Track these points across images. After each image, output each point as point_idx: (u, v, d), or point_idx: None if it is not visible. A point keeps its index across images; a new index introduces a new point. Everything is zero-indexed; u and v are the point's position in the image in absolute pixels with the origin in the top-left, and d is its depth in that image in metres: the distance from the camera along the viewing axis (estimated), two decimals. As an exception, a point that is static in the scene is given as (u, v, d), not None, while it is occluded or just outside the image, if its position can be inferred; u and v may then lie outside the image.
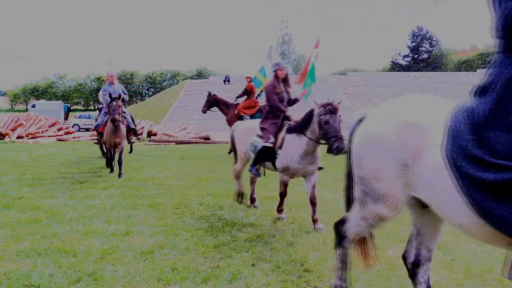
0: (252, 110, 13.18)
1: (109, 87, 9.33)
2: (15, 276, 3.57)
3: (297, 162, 5.19)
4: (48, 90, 65.06)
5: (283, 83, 5.80)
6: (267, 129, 5.52)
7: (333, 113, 4.86)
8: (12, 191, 7.01)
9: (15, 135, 17.96)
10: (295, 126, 5.32)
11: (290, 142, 5.26)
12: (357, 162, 2.73)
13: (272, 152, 5.45)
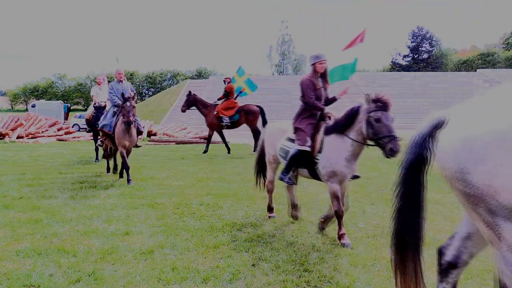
0: (231, 111, 13.17)
1: (117, 85, 8.52)
2: (15, 276, 3.58)
3: (344, 165, 4.51)
4: (48, 90, 65.09)
5: (322, 79, 5.10)
6: (303, 131, 4.81)
7: (385, 110, 4.18)
8: (12, 191, 7.01)
9: (15, 135, 17.96)
10: (335, 126, 4.62)
11: (332, 145, 4.58)
12: (460, 176, 2.11)
13: (310, 157, 4.74)
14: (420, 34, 64.21)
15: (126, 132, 7.95)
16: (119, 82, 8.60)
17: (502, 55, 59.60)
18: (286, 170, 4.99)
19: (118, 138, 8.01)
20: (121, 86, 8.46)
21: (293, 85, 42.82)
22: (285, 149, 5.03)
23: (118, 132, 7.99)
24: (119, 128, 7.98)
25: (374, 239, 4.70)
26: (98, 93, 11.39)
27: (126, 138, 7.98)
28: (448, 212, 5.88)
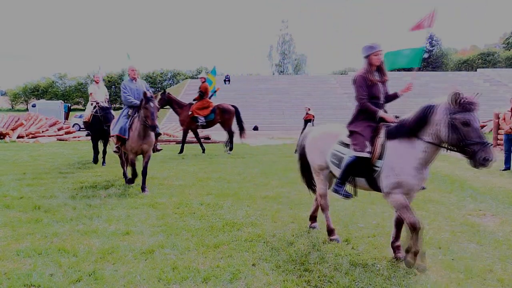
0: (206, 110, 13.06)
1: (131, 84, 7.60)
2: (15, 275, 3.58)
3: (412, 175, 3.84)
4: (49, 90, 65.11)
5: (379, 72, 4.38)
6: (360, 134, 4.15)
7: (472, 111, 3.52)
8: (13, 190, 7.02)
9: (15, 134, 17.97)
10: (401, 128, 3.93)
11: (397, 151, 3.91)
12: None
13: (369, 164, 4.07)
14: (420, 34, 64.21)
15: (143, 135, 7.09)
16: (132, 80, 7.69)
17: (502, 54, 59.60)
18: (341, 180, 4.27)
19: (132, 143, 7.13)
20: (135, 85, 7.63)
21: (293, 85, 42.83)
22: (338, 155, 4.35)
23: (133, 137, 7.11)
24: (134, 132, 7.11)
25: (374, 239, 4.71)
26: (97, 91, 10.86)
27: (141, 142, 7.13)
28: (448, 212, 5.88)
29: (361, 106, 4.34)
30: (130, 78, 7.72)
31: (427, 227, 5.15)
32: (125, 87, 7.57)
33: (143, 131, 7.05)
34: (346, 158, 4.22)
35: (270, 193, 7.04)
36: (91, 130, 10.68)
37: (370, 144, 4.05)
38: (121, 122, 7.39)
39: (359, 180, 4.25)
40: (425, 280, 3.63)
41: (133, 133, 7.14)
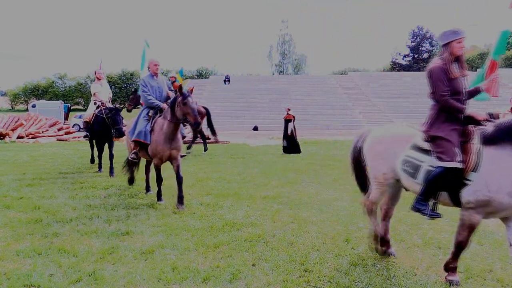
0: None
1: (151, 80, 6.56)
2: (15, 276, 3.58)
3: (509, 194, 3.19)
4: (49, 90, 65.09)
5: (458, 63, 3.70)
6: (446, 140, 3.48)
7: None
8: (13, 191, 7.02)
9: (15, 135, 17.97)
10: (505, 131, 3.29)
11: (497, 160, 3.26)
12: None
13: (460, 177, 3.40)
14: (420, 34, 64.23)
15: (171, 138, 6.08)
16: (153, 76, 6.62)
17: (502, 54, 59.58)
18: (424, 197, 3.58)
19: (157, 147, 6.08)
20: (156, 82, 6.59)
21: (293, 85, 42.82)
22: (413, 163, 3.65)
23: (158, 140, 6.07)
24: (159, 135, 6.09)
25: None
26: (100, 89, 9.80)
27: (169, 146, 6.07)
28: (447, 212, 5.87)
29: (443, 104, 3.63)
30: (151, 73, 6.65)
31: (427, 227, 5.15)
32: (145, 84, 6.50)
33: (171, 133, 6.04)
34: (425, 168, 3.54)
35: (270, 193, 7.04)
36: (91, 131, 9.69)
37: (460, 151, 3.41)
38: (140, 125, 6.34)
39: (442, 194, 3.56)
40: (425, 280, 3.63)
41: (157, 136, 6.09)
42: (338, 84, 42.60)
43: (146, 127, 6.29)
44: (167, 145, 6.06)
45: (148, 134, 6.23)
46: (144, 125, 6.33)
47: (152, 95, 6.50)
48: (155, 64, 6.69)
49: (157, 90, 6.58)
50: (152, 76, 6.63)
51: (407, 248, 4.43)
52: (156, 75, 6.67)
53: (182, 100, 5.77)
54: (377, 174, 4.00)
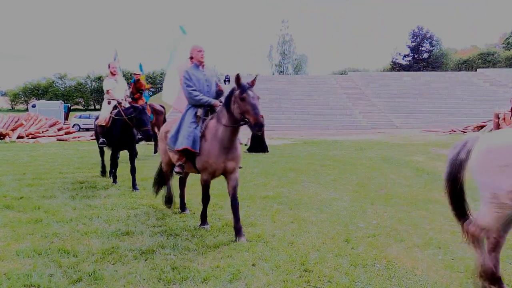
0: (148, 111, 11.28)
1: (197, 72, 5.20)
2: (15, 276, 3.58)
3: None
4: (49, 90, 65.09)
5: None
6: None
7: None
8: (13, 191, 7.02)
9: (15, 135, 17.98)
10: None
11: None
12: None
13: None
14: (420, 34, 64.21)
15: (228, 146, 4.76)
16: (198, 66, 5.26)
17: (502, 54, 59.63)
18: None
19: (209, 158, 4.77)
20: (202, 74, 5.23)
21: (293, 85, 42.82)
22: None
23: (212, 150, 4.76)
24: (212, 143, 4.78)
25: (374, 239, 4.70)
26: (115, 86, 8.35)
27: (225, 157, 4.78)
28: (448, 212, 5.86)
29: None
30: (196, 63, 5.28)
31: (427, 227, 5.15)
32: (190, 77, 5.12)
33: (228, 141, 4.73)
34: None
35: (270, 193, 7.04)
36: (109, 137, 7.91)
37: None
38: (186, 129, 4.97)
39: None
40: (425, 280, 3.63)
41: (210, 144, 4.79)
42: (338, 84, 42.61)
43: (196, 132, 4.93)
44: (222, 155, 4.76)
45: (198, 141, 4.87)
46: (192, 129, 4.95)
47: (199, 90, 5.12)
48: (199, 50, 5.27)
49: (205, 84, 5.19)
50: (197, 67, 5.24)
51: (407, 248, 4.43)
52: (202, 64, 5.29)
53: (240, 94, 4.50)
54: (498, 192, 3.10)
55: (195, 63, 5.29)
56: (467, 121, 28.00)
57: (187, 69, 5.25)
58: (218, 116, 4.85)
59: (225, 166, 4.81)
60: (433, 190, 7.31)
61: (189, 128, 4.94)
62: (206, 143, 4.83)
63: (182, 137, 4.94)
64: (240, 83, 4.60)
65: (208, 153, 4.79)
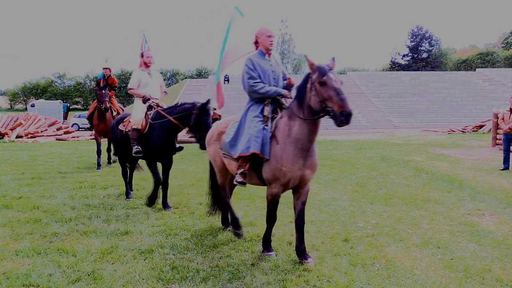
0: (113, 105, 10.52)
1: (262, 60, 4.27)
2: (14, 275, 3.58)
3: None
4: (48, 89, 65.02)
5: None
6: None
7: None
8: (12, 190, 7.01)
9: (14, 134, 17.94)
10: None
11: None
12: None
13: None
14: (419, 34, 64.19)
15: (307, 148, 3.89)
16: (264, 54, 4.32)
17: (501, 54, 59.67)
18: None
19: (283, 165, 3.85)
20: (268, 64, 4.30)
21: (293, 85, 42.80)
22: None
23: (284, 154, 3.85)
24: (285, 145, 3.87)
25: (373, 238, 4.71)
26: (149, 81, 6.46)
27: (302, 163, 3.89)
28: (447, 211, 5.89)
29: None
30: (262, 50, 4.32)
31: (426, 227, 5.15)
32: (253, 66, 4.20)
33: (307, 141, 3.85)
34: None
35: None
36: (148, 146, 6.18)
37: None
38: (250, 129, 4.04)
39: None
40: (424, 279, 3.64)
41: (283, 147, 3.88)
42: (338, 83, 42.55)
43: (265, 133, 3.98)
44: (298, 161, 3.86)
45: (268, 144, 3.94)
46: (260, 129, 4.00)
47: (264, 82, 4.21)
48: (269, 35, 4.28)
49: (271, 76, 4.27)
50: (263, 55, 4.30)
51: (406, 247, 4.43)
52: (269, 53, 4.36)
53: (319, 77, 3.67)
54: None
55: (260, 50, 4.31)
56: (466, 121, 28.03)
57: (250, 57, 4.28)
58: (290, 111, 3.96)
59: (301, 175, 3.91)
60: (432, 189, 7.32)
61: (255, 128, 4.00)
62: (278, 146, 3.90)
63: (245, 140, 4.02)
64: (316, 66, 3.80)
65: (281, 159, 3.85)
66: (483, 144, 14.53)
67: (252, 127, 4.03)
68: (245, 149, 3.99)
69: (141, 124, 6.22)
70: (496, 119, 14.22)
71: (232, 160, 4.30)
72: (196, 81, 47.13)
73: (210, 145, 5.03)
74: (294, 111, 3.91)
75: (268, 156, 3.92)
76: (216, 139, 4.80)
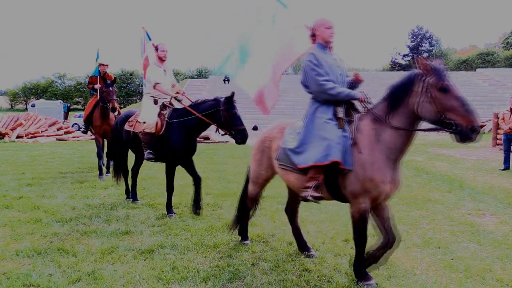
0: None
1: (325, 54, 3.75)
2: (15, 275, 3.58)
3: None
4: (48, 90, 65.04)
5: None
6: None
7: None
8: (12, 190, 7.01)
9: (14, 134, 17.95)
10: None
11: None
12: None
13: None
14: (419, 34, 64.22)
15: (395, 159, 3.40)
16: (325, 48, 3.78)
17: (501, 54, 59.67)
18: None
19: (374, 176, 3.32)
20: (332, 58, 3.75)
21: (291, 85, 42.77)
22: None
23: (378, 162, 3.34)
24: (378, 153, 3.35)
25: (374, 239, 4.70)
26: (163, 77, 5.97)
27: (391, 174, 3.40)
28: (447, 211, 5.88)
29: None
30: (321, 43, 3.77)
31: (426, 227, 5.15)
32: (318, 62, 3.63)
33: (400, 151, 3.37)
34: None
35: (270, 193, 7.02)
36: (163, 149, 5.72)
37: None
38: (327, 134, 3.44)
39: None
40: (424, 280, 3.63)
41: (371, 154, 3.34)
42: (338, 84, 42.53)
43: (344, 139, 3.42)
44: (390, 172, 3.36)
45: (349, 152, 3.38)
46: (339, 134, 3.43)
47: (331, 80, 3.62)
48: (328, 27, 3.74)
49: (338, 72, 3.71)
50: (323, 48, 3.75)
51: (407, 247, 4.43)
52: (330, 46, 3.80)
53: (438, 82, 3.09)
54: None
55: (320, 44, 3.77)
56: (466, 121, 27.96)
57: (312, 51, 3.73)
58: (374, 114, 3.43)
59: (390, 188, 3.42)
60: (432, 190, 7.31)
61: (334, 133, 3.43)
62: (364, 154, 3.34)
63: (322, 146, 3.41)
64: (433, 66, 3.19)
65: (371, 167, 3.29)
66: (483, 144, 14.53)
67: (328, 132, 3.44)
68: (322, 157, 3.37)
69: (158, 125, 5.68)
70: (496, 119, 14.22)
71: (294, 172, 3.72)
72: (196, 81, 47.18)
73: (257, 152, 4.35)
74: (381, 115, 3.36)
75: (350, 166, 3.35)
76: (267, 146, 4.19)
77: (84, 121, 9.49)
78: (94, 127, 9.09)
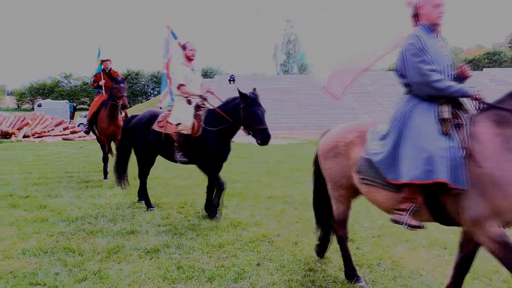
0: None
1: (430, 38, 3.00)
2: (21, 274, 3.60)
3: None
4: (54, 89, 65.42)
5: None
6: None
7: None
8: (19, 190, 7.06)
9: (21, 134, 18.08)
10: None
11: None
12: None
13: None
14: (425, 33, 64.02)
15: None
16: (431, 31, 3.03)
17: (508, 54, 59.30)
18: None
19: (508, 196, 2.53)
20: (439, 45, 3.01)
21: (296, 85, 42.76)
22: None
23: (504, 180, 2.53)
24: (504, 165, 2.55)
25: (379, 239, 4.69)
26: (192, 78, 5.75)
27: None
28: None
29: None
30: (425, 25, 3.04)
31: (432, 228, 5.12)
32: (423, 46, 2.92)
33: None
34: None
35: (275, 193, 7.04)
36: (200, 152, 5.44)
37: None
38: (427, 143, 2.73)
39: None
40: (431, 280, 3.62)
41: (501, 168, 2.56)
42: (343, 83, 42.38)
43: (454, 151, 2.67)
44: None
45: (461, 168, 2.63)
46: (443, 144, 2.69)
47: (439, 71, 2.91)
48: (437, 4, 2.99)
49: (444, 62, 2.98)
50: (430, 31, 3.03)
51: (412, 248, 4.41)
52: (438, 29, 3.06)
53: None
54: None
55: (425, 25, 3.03)
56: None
57: (415, 33, 2.98)
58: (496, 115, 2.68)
59: None
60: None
61: (437, 143, 2.69)
62: (489, 166, 2.56)
63: (421, 158, 2.70)
64: None
65: (505, 184, 2.52)
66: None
67: (430, 139, 2.71)
68: (421, 174, 2.66)
69: (195, 127, 5.42)
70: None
71: (384, 189, 2.99)
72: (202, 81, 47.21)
73: (327, 160, 3.54)
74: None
75: (463, 185, 2.59)
76: (341, 153, 3.39)
77: (88, 121, 8.76)
78: (99, 129, 8.41)
